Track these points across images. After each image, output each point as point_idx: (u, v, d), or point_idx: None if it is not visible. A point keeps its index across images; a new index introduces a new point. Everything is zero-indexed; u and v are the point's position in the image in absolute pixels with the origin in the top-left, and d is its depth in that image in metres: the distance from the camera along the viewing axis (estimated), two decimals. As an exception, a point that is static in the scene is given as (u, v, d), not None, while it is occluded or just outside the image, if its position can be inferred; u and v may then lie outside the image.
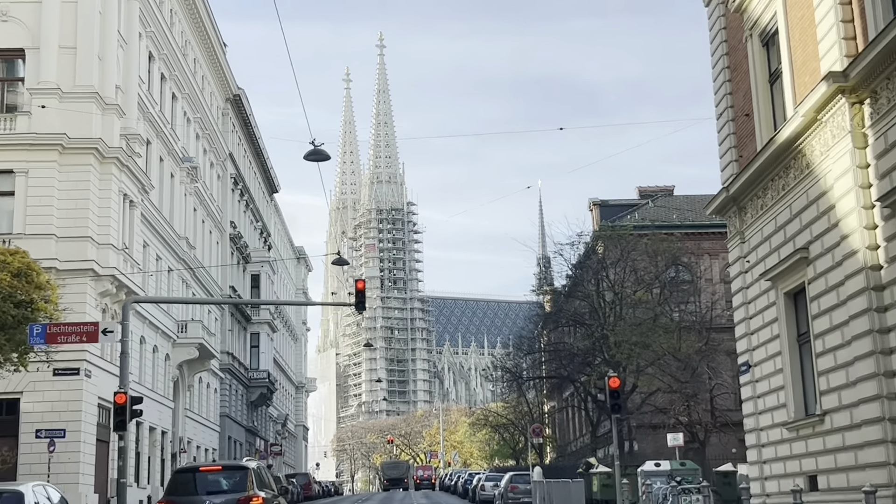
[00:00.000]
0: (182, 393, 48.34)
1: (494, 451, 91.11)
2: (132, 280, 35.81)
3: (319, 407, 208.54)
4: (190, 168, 48.95)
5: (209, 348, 47.76)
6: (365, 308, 24.32)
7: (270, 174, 77.58)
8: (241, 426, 63.25)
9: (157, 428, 42.74)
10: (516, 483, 34.45)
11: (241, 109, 64.06)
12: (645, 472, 31.79)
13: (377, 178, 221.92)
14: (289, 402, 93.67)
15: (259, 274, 67.35)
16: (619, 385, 21.87)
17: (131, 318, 38.66)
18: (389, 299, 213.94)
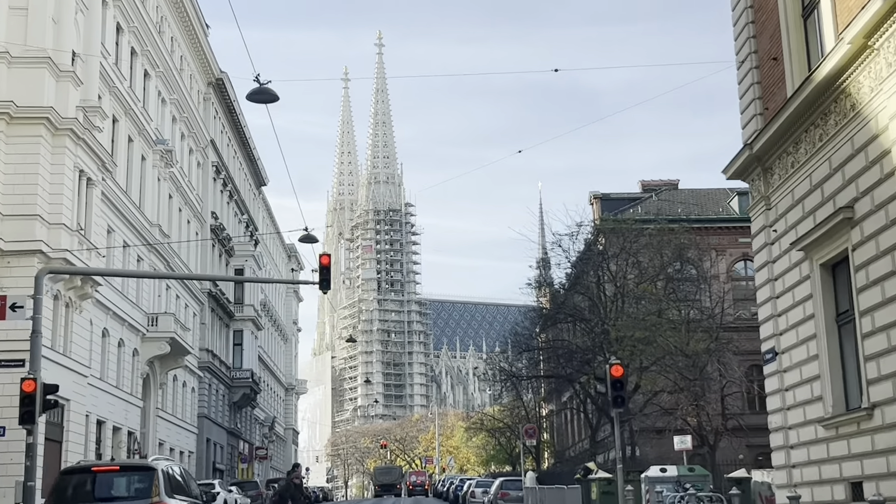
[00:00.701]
0: (153, 391, 45.41)
1: (490, 456, 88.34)
2: (88, 265, 32.82)
3: (314, 411, 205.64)
4: (164, 151, 46.03)
5: (182, 343, 44.82)
6: (329, 287, 21.45)
7: (257, 165, 74.65)
8: (223, 428, 60.25)
9: (122, 428, 39.77)
10: (507, 489, 31.47)
11: (225, 95, 61.16)
12: (650, 478, 28.86)
13: (375, 178, 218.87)
14: (277, 405, 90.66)
15: (243, 268, 64.35)
16: (623, 374, 18.97)
17: (91, 309, 35.95)
18: (386, 301, 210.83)
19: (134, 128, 42.19)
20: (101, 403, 37.15)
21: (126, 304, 40.62)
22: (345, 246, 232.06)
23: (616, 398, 18.80)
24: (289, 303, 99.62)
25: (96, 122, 34.13)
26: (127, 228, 41.01)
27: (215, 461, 57.81)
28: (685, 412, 33.30)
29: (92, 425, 36.07)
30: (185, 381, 51.53)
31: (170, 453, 48.34)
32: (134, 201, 42.32)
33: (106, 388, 37.83)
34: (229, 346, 62.72)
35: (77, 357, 33.00)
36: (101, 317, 37.51)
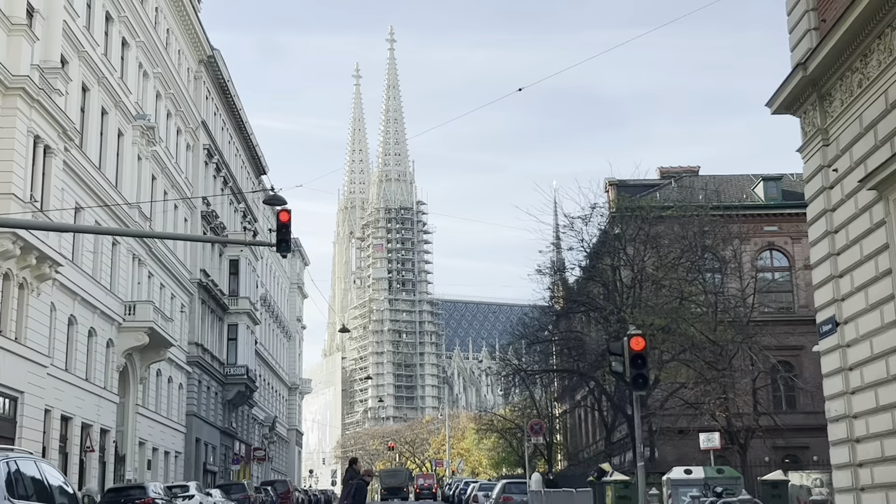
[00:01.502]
0: (133, 386, 42.17)
1: (501, 458, 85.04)
2: (46, 242, 29.56)
3: (325, 413, 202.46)
4: (145, 128, 42.80)
5: (163, 334, 41.55)
6: (289, 249, 18.09)
7: (256, 152, 71.40)
8: (215, 427, 57.00)
9: (92, 425, 36.49)
10: (510, 493, 28.03)
11: (218, 74, 57.97)
12: (673, 480, 25.41)
13: (386, 176, 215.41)
14: (279, 405, 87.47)
15: (238, 259, 61.15)
16: (645, 347, 15.55)
17: (55, 293, 32.68)
18: (397, 301, 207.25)
19: (109, 99, 38.97)
20: (67, 398, 33.91)
21: (99, 290, 37.40)
22: (355, 245, 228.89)
23: (637, 378, 15.38)
24: (293, 299, 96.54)
25: (57, 85, 30.89)
26: (100, 207, 37.76)
27: (206, 462, 54.58)
28: (713, 407, 29.75)
29: (55, 421, 32.81)
30: (170, 377, 48.28)
31: (153, 454, 45.22)
32: (109, 179, 39.10)
33: (73, 382, 34.58)
34: (223, 341, 59.48)
35: (33, 345, 29.75)
36: (67, 302, 34.27)
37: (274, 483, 57.42)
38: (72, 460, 34.61)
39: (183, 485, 33.65)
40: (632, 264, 38.79)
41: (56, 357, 33.01)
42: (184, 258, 51.51)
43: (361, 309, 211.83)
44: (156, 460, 45.68)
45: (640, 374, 15.55)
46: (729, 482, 25.07)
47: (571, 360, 44.86)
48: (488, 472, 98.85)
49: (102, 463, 38.18)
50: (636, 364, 15.68)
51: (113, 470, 39.13)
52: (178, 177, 50.33)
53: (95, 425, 36.79)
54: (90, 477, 36.16)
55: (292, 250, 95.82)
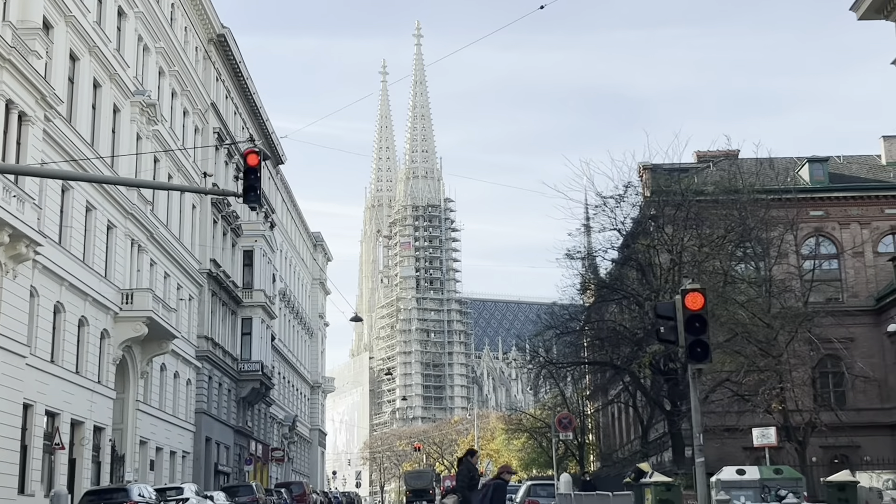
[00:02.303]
0: (133, 381, 39.38)
1: (531, 459, 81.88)
2: (21, 219, 26.75)
3: (352, 413, 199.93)
4: (145, 104, 40.02)
5: (164, 325, 38.72)
6: (258, 200, 15.02)
7: (272, 139, 68.56)
8: (228, 426, 54.20)
9: (84, 422, 33.72)
10: (536, 496, 24.81)
11: (229, 54, 55.18)
12: (724, 482, 22.15)
13: (413, 172, 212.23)
14: (301, 403, 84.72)
15: (252, 250, 58.38)
16: (703, 306, 12.22)
17: (37, 277, 29.95)
18: (425, 300, 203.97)
19: (102, 71, 36.20)
20: (53, 391, 31.16)
21: (91, 276, 34.63)
22: (382, 244, 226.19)
23: (694, 346, 11.92)
24: (315, 295, 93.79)
25: (35, 46, 28.10)
26: (93, 188, 35.01)
27: (218, 463, 51.80)
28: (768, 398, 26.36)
29: (38, 417, 30.05)
30: (176, 372, 45.51)
31: (156, 454, 42.46)
32: (104, 158, 36.30)
33: (60, 374, 31.82)
34: (236, 336, 56.70)
35: (7, 332, 26.97)
36: (53, 288, 31.49)
37: (290, 485, 54.56)
38: (59, 459, 31.85)
39: (177, 487, 30.77)
40: (670, 246, 35.54)
41: (39, 347, 30.25)
42: (191, 246, 48.77)
43: (389, 308, 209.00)
44: (160, 461, 42.91)
45: (698, 342, 12.07)
46: (789, 484, 21.83)
47: (604, 352, 41.62)
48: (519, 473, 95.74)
49: (97, 463, 35.42)
50: (693, 327, 12.23)
51: (110, 471, 36.32)
52: (184, 160, 47.55)
53: (87, 422, 34.02)
54: (82, 478, 33.37)
55: (314, 244, 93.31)
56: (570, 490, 22.93)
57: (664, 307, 12.78)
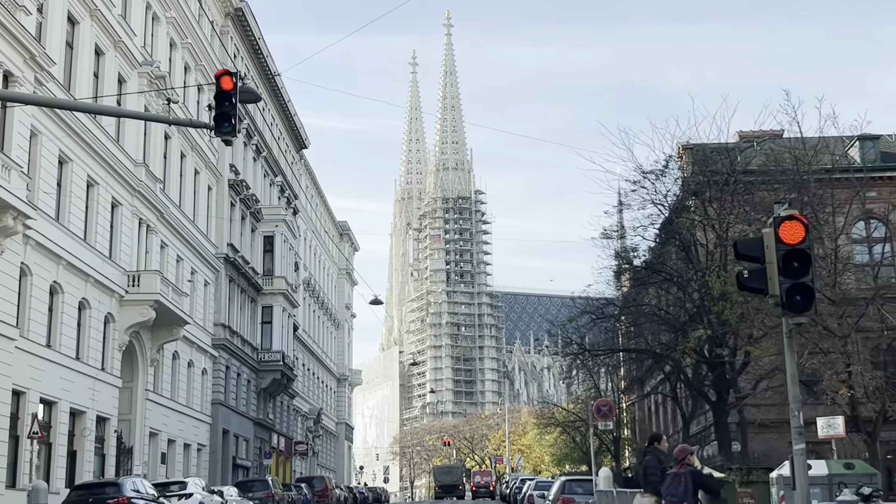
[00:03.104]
0: (142, 369, 37.17)
1: (564, 454, 79.13)
2: (7, 188, 24.47)
3: (382, 408, 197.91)
4: (153, 76, 37.76)
5: (174, 310, 36.43)
6: (234, 131, 12.44)
7: (294, 122, 66.25)
8: (247, 418, 51.95)
9: (85, 412, 31.49)
10: (571, 493, 22.13)
11: (248, 31, 52.86)
12: (786, 478, 19.46)
13: (443, 164, 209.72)
14: (326, 396, 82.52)
15: (273, 235, 56.09)
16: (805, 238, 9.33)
17: (30, 254, 27.72)
18: (455, 294, 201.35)
19: (105, 37, 33.92)
20: (49, 378, 28.92)
21: (93, 256, 32.40)
22: (412, 237, 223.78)
23: (793, 294, 9.01)
24: (341, 286, 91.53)
25: (23, 1, 25.82)
26: (96, 161, 32.77)
27: (236, 456, 49.57)
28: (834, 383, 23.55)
29: (31, 405, 27.80)
30: (191, 361, 43.29)
31: (168, 446, 40.24)
32: (107, 131, 34.09)
33: (56, 360, 29.58)
34: (256, 324, 54.45)
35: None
36: (49, 266, 29.25)
37: (311, 479, 52.31)
38: (57, 451, 29.65)
39: (181, 481, 28.45)
40: (713, 223, 32.77)
41: (32, 330, 28.03)
42: (207, 229, 46.52)
43: (419, 302, 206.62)
44: (172, 453, 40.68)
45: (798, 287, 9.16)
46: (861, 480, 19.10)
47: (642, 339, 38.88)
48: (550, 469, 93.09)
49: (101, 456, 33.22)
50: (791, 268, 9.19)
51: (116, 464, 34.12)
52: (199, 139, 45.29)
53: (89, 412, 31.79)
54: (83, 471, 31.15)
55: (340, 233, 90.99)
56: (611, 486, 20.34)
57: (748, 245, 9.95)
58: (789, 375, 9.35)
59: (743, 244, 9.91)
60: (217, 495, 30.33)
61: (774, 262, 9.04)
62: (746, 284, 9.46)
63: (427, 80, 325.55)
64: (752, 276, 9.33)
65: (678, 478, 12.20)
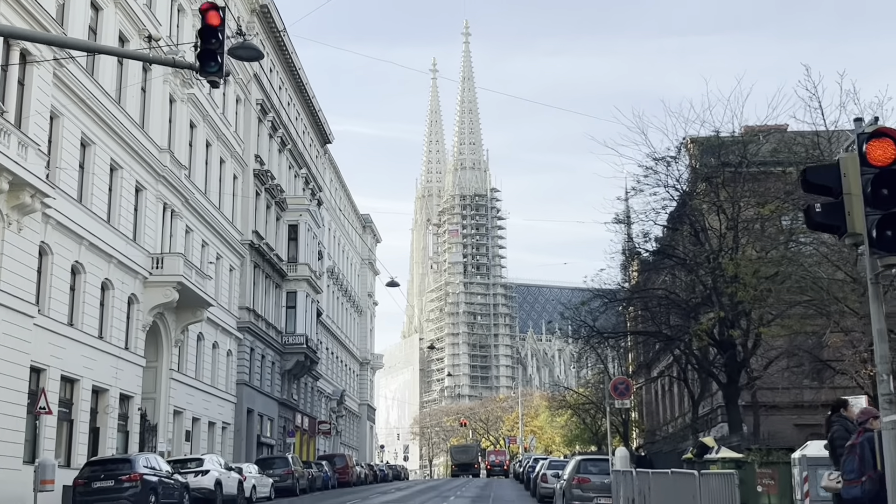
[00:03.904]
0: (167, 350, 35.50)
1: (574, 435, 77.22)
2: (24, 166, 22.78)
3: (403, 391, 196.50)
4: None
5: (197, 291, 34.73)
6: (220, 70, 10.51)
7: (319, 118, 64.48)
8: (272, 398, 50.28)
9: (108, 389, 29.83)
10: (586, 474, 20.22)
11: (273, 27, 51.11)
12: (811, 459, 17.47)
13: (461, 164, 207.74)
14: (350, 379, 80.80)
15: (297, 224, 54.39)
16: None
17: (49, 233, 26.08)
18: (472, 285, 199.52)
19: (129, 25, 32.23)
20: (71, 356, 27.27)
21: (116, 238, 30.75)
22: (432, 232, 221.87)
23: (884, 227, 6.96)
24: (364, 275, 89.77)
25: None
26: (117, 144, 31.08)
27: (261, 435, 47.93)
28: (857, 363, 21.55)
29: (52, 382, 26.15)
30: (216, 342, 41.64)
31: (193, 424, 38.59)
32: (132, 117, 32.40)
33: (78, 338, 27.92)
34: (280, 309, 52.76)
35: (8, 288, 23.07)
36: (70, 246, 27.60)
37: (333, 457, 50.67)
38: (78, 428, 28.00)
39: (197, 458, 26.75)
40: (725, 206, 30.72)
41: (53, 308, 26.37)
42: (232, 217, 44.86)
43: (438, 292, 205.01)
44: (197, 431, 39.05)
45: (891, 218, 7.35)
46: (888, 462, 17.07)
47: (652, 323, 36.86)
48: (561, 449, 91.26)
49: (124, 433, 31.56)
50: (880, 197, 7.11)
51: (140, 440, 32.48)
52: (224, 129, 43.61)
53: (112, 389, 30.12)
54: (105, 448, 29.50)
55: (363, 225, 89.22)
56: (629, 466, 18.48)
57: (820, 172, 7.78)
58: (876, 332, 7.42)
59: (813, 171, 7.81)
60: (235, 472, 28.61)
61: (859, 194, 7.02)
62: (818, 221, 7.43)
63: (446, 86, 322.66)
64: (826, 211, 7.31)
65: (853, 450, 9.36)
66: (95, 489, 20.77)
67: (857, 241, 7.19)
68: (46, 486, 20.28)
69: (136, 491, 20.76)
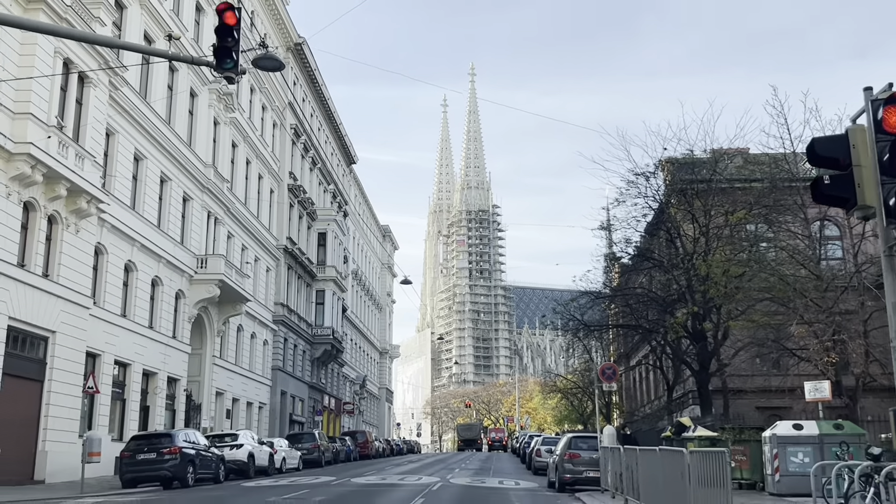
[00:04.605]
0: (210, 339, 34.52)
1: (563, 416, 75.92)
2: (80, 174, 21.88)
3: (417, 377, 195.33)
4: (221, 93, 35.17)
5: (236, 288, 33.78)
6: (236, 69, 9.33)
7: (345, 141, 63.57)
8: (302, 382, 49.25)
9: (157, 373, 28.86)
10: (577, 450, 19.15)
11: (305, 62, 50.22)
12: (780, 437, 16.39)
13: (467, 184, 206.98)
14: (371, 366, 79.65)
15: (326, 232, 53.41)
16: None
17: (105, 235, 25.15)
18: (476, 287, 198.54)
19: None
20: (124, 343, 26.33)
21: (165, 241, 29.81)
22: (442, 242, 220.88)
23: None
24: (384, 277, 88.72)
25: (99, 14, 23.22)
26: (169, 161, 30.20)
27: (293, 413, 46.88)
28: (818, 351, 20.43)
29: (106, 366, 25.22)
30: (253, 333, 40.64)
31: (233, 404, 37.57)
32: (181, 136, 31.50)
33: (130, 328, 26.99)
34: (310, 305, 51.75)
35: (68, 283, 22.15)
36: (123, 247, 26.67)
37: (355, 433, 49.54)
38: (130, 406, 27.03)
39: (232, 434, 25.75)
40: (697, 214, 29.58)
41: (108, 301, 25.46)
42: (269, 225, 43.92)
43: (447, 294, 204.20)
44: (237, 410, 38.05)
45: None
46: (851, 440, 15.99)
47: (632, 317, 35.73)
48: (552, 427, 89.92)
49: (171, 411, 30.58)
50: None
51: (185, 418, 31.50)
52: (263, 149, 42.70)
53: (161, 373, 29.16)
54: (154, 424, 28.52)
55: (384, 235, 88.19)
56: (616, 443, 17.41)
57: (828, 144, 6.55)
58: (890, 305, 6.31)
59: (821, 143, 6.62)
60: (267, 446, 27.57)
61: (869, 165, 5.87)
62: (827, 193, 6.33)
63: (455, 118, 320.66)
64: (835, 183, 6.20)
65: None
66: (140, 461, 19.76)
67: (867, 213, 6.09)
68: (94, 458, 19.27)
69: (176, 462, 19.74)
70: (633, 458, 13.40)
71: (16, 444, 20.05)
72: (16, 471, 19.94)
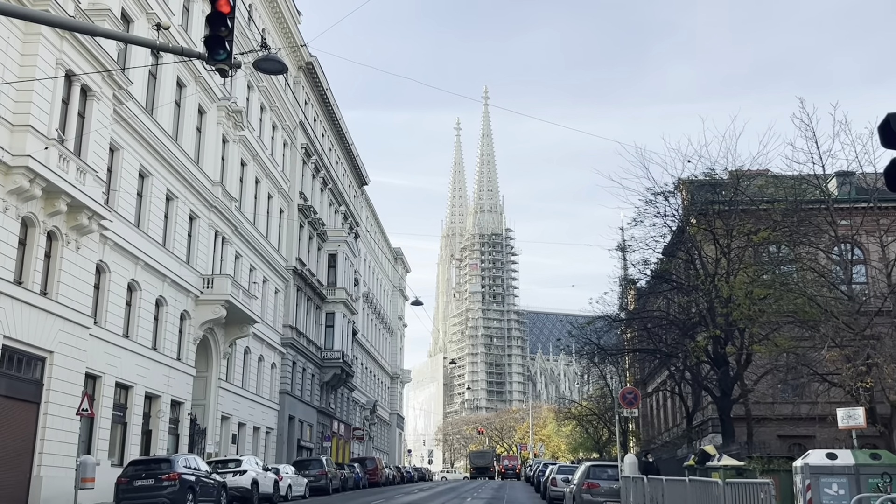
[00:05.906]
0: (216, 361, 33.84)
1: (578, 444, 74.66)
2: (82, 190, 21.37)
3: (429, 403, 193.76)
4: (230, 110, 34.78)
5: (242, 309, 33.12)
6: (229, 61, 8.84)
7: (357, 162, 63.20)
8: (311, 406, 48.43)
9: (160, 396, 28.17)
10: (596, 479, 18.25)
11: (317, 81, 49.97)
12: (813, 468, 15.48)
13: (480, 208, 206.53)
14: (381, 391, 78.70)
15: (336, 253, 52.84)
16: None
17: (107, 253, 24.60)
18: (489, 311, 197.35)
19: (186, 72, 31.01)
20: (125, 365, 25.67)
21: (170, 259, 29.25)
22: (455, 265, 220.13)
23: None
24: (395, 300, 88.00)
25: (104, 25, 22.79)
26: (174, 177, 29.73)
27: (301, 439, 46.02)
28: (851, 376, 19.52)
29: (107, 388, 24.55)
30: (261, 356, 39.95)
31: (239, 429, 36.79)
32: (188, 154, 31.07)
33: (132, 349, 26.33)
34: (320, 327, 51.07)
35: (67, 301, 21.55)
36: (126, 265, 26.11)
37: (364, 460, 48.61)
38: (131, 430, 26.30)
39: (236, 459, 24.97)
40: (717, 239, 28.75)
41: (109, 321, 24.84)
42: (278, 245, 43.38)
43: (459, 317, 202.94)
44: (243, 435, 37.25)
45: None
46: (892, 470, 15.07)
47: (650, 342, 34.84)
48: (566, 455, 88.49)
49: (175, 435, 29.82)
50: None
51: (189, 443, 30.72)
52: (272, 168, 42.28)
53: (164, 396, 28.45)
54: (157, 448, 27.76)
55: (395, 258, 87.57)
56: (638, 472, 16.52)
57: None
58: None
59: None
60: (272, 472, 26.77)
61: None
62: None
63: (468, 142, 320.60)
64: None
65: None
66: (137, 487, 19.04)
67: None
68: (87, 484, 18.57)
69: (175, 489, 19.01)
70: (659, 488, 12.57)
71: (10, 468, 19.36)
72: (9, 496, 19.23)
